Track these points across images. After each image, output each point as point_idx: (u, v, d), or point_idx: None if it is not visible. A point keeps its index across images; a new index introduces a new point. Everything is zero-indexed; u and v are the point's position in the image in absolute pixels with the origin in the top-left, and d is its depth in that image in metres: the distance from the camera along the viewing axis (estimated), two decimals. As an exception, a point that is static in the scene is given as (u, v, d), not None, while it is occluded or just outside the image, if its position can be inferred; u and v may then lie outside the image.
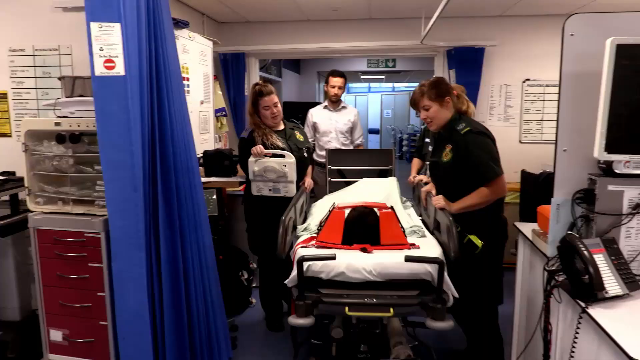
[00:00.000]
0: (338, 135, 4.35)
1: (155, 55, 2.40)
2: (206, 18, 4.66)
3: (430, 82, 2.62)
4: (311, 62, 10.13)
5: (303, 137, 3.35)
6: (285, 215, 2.47)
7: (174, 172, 2.46)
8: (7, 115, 3.25)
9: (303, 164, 3.25)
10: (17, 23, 3.15)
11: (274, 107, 3.13)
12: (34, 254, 2.66)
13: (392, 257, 2.17)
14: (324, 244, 2.33)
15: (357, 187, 3.33)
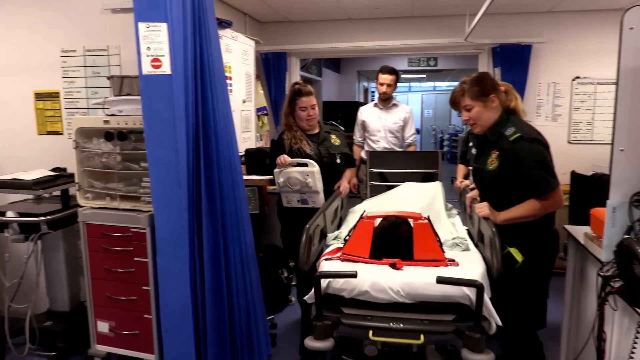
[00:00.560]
0: (387, 134, 4.17)
1: (200, 54, 2.43)
2: (248, 18, 4.71)
3: (473, 78, 2.32)
4: (351, 61, 10.09)
5: (339, 141, 3.13)
6: (310, 224, 2.28)
7: (217, 169, 2.49)
8: (59, 113, 3.38)
9: (335, 171, 3.05)
10: (68, 25, 3.27)
11: (311, 109, 2.98)
12: (83, 247, 2.75)
13: (424, 276, 1.91)
14: (349, 258, 2.10)
15: (398, 192, 3.11)
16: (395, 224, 2.19)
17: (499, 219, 2.24)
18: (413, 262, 2.03)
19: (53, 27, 3.29)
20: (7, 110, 3.45)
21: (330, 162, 3.02)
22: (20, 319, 3.00)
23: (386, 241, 2.14)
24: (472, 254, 2.22)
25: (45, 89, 3.37)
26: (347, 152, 3.17)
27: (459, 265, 2.02)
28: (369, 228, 2.18)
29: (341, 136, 3.19)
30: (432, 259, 2.04)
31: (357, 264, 2.04)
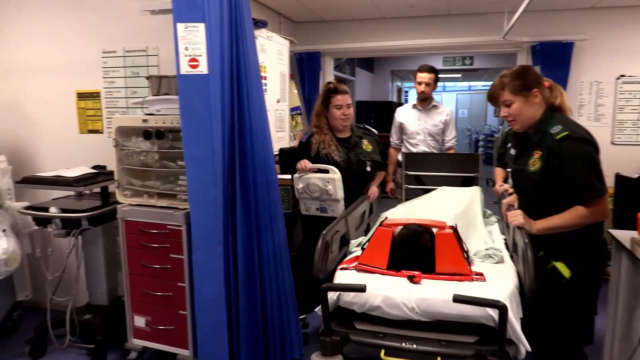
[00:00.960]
0: (426, 137, 3.99)
1: (236, 54, 2.46)
2: (283, 18, 4.73)
3: (514, 71, 2.13)
4: (385, 61, 10.02)
5: (372, 147, 3.01)
6: (328, 229, 2.16)
7: (252, 168, 2.51)
8: (99, 113, 3.47)
9: (364, 179, 2.96)
10: (109, 27, 3.35)
11: (347, 108, 2.90)
12: (122, 243, 2.82)
13: (442, 292, 1.75)
14: (365, 268, 1.98)
15: (433, 197, 2.95)
16: (416, 233, 2.02)
17: (534, 228, 2.05)
18: (434, 276, 1.87)
19: (94, 29, 3.38)
20: (51, 110, 3.58)
21: (360, 170, 2.91)
22: (61, 311, 3.09)
23: (406, 251, 1.99)
24: (506, 268, 2.06)
25: (87, 89, 3.47)
26: (379, 159, 3.04)
27: (485, 281, 1.86)
28: (386, 237, 2.02)
29: (373, 141, 3.04)
30: (455, 272, 1.88)
31: (373, 276, 1.92)
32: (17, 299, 3.43)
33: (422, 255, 1.95)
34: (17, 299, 3.43)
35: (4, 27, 3.58)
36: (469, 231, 2.42)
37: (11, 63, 3.60)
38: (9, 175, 3.27)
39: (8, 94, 3.62)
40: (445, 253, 1.92)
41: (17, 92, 3.62)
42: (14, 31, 3.57)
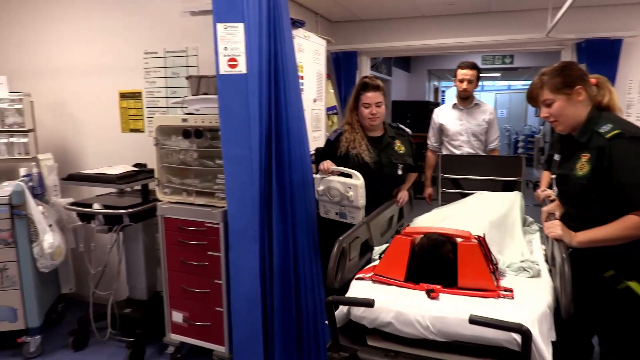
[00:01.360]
0: (470, 138, 3.75)
1: (274, 54, 2.47)
2: (320, 18, 4.73)
3: (555, 68, 1.93)
4: (421, 60, 9.90)
5: (405, 148, 2.81)
6: (346, 235, 2.04)
7: (288, 167, 2.51)
8: (141, 112, 3.56)
9: (395, 184, 2.79)
10: (151, 28, 3.43)
11: (375, 107, 2.68)
12: (161, 240, 2.88)
13: (461, 310, 1.56)
14: (381, 279, 1.83)
15: (469, 203, 2.78)
16: (437, 243, 1.83)
17: (576, 240, 1.84)
18: (455, 291, 1.71)
19: (137, 31, 3.47)
20: (95, 109, 3.69)
21: (391, 174, 2.73)
22: (102, 304, 3.19)
23: (426, 263, 1.81)
24: (541, 283, 1.86)
25: (129, 89, 3.56)
26: (411, 163, 2.84)
27: (513, 298, 1.68)
28: (404, 246, 1.86)
29: (407, 143, 2.85)
30: (479, 287, 1.71)
31: (388, 288, 1.78)
32: (61, 292, 3.55)
33: (443, 268, 1.77)
34: (61, 292, 3.55)
35: (52, 30, 3.72)
36: (505, 240, 2.25)
37: (59, 64, 3.74)
38: (55, 173, 3.39)
39: (55, 94, 3.75)
40: (469, 266, 1.75)
41: (64, 92, 3.75)
42: (61, 34, 3.70)
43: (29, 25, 3.79)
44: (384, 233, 2.57)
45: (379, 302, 1.63)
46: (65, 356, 3.12)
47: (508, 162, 3.24)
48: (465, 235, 1.84)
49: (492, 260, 1.88)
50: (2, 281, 3.00)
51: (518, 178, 3.10)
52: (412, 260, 1.83)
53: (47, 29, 3.74)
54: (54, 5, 3.71)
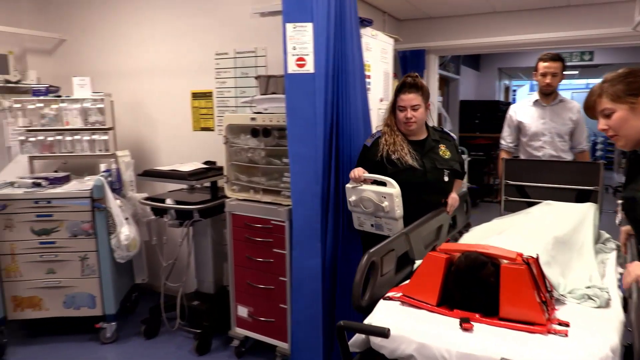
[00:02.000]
0: (554, 139, 3.36)
1: (340, 53, 2.47)
2: (387, 16, 4.67)
3: (618, 73, 1.70)
4: (491, 58, 9.55)
5: (450, 153, 2.55)
6: (377, 247, 1.81)
7: (349, 166, 2.49)
8: (211, 111, 3.68)
9: (440, 191, 2.51)
10: (221, 30, 3.54)
11: (411, 110, 2.39)
12: (229, 235, 2.96)
13: (495, 347, 1.34)
14: (411, 301, 1.62)
15: (533, 214, 2.46)
16: (476, 264, 1.57)
17: None
18: (495, 321, 1.47)
19: (208, 33, 3.59)
20: (169, 109, 3.85)
21: (436, 180, 2.45)
22: (172, 296, 3.33)
23: (463, 286, 1.57)
24: (609, 316, 1.55)
25: (201, 89, 3.69)
26: (458, 169, 2.58)
27: (567, 336, 1.38)
28: (438, 265, 1.64)
29: (452, 147, 2.60)
30: (525, 320, 1.44)
31: (418, 312, 1.57)
32: (135, 282, 3.74)
33: (483, 293, 1.53)
34: (135, 282, 3.74)
35: (130, 34, 3.93)
36: (571, 261, 1.96)
37: (136, 66, 3.94)
38: (131, 169, 3.57)
39: (133, 94, 3.96)
40: (513, 293, 1.48)
41: (140, 93, 3.95)
42: (139, 37, 3.90)
43: (109, 29, 4.03)
44: (429, 245, 2.31)
45: (400, 330, 1.45)
46: (137, 344, 3.28)
47: (583, 169, 2.87)
48: (511, 256, 1.56)
49: (546, 286, 1.60)
50: (83, 269, 3.20)
51: (595, 187, 2.72)
52: (447, 282, 1.61)
53: (126, 33, 3.95)
54: (132, 10, 3.91)
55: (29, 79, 4.08)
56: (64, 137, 3.47)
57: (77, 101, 3.45)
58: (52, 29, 4.26)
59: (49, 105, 3.45)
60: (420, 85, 2.44)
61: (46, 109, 3.45)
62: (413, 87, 2.41)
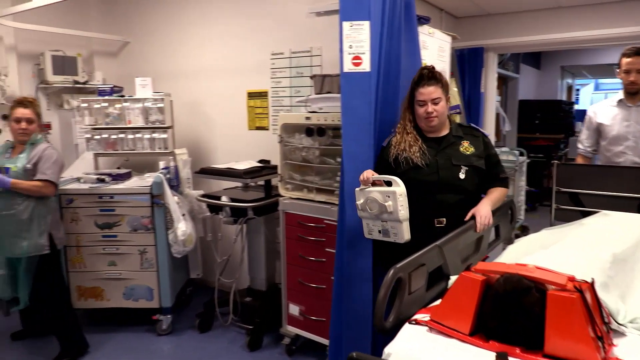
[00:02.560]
0: (639, 143, 2.99)
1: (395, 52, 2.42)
2: (444, 14, 4.57)
3: None
4: (553, 56, 9.13)
5: (475, 149, 2.26)
6: (405, 262, 1.61)
7: None
8: (266, 111, 3.72)
9: (455, 191, 2.22)
10: (277, 30, 3.57)
11: (432, 104, 2.18)
12: (282, 234, 2.98)
13: None
14: (440, 327, 1.42)
15: (588, 226, 2.18)
16: (518, 289, 1.34)
17: None
18: (539, 358, 1.25)
19: (265, 33, 3.63)
20: (225, 108, 3.94)
21: (449, 177, 2.20)
22: (225, 291, 3.40)
23: (502, 314, 1.34)
24: None
25: (256, 89, 3.74)
26: (480, 165, 2.26)
27: None
28: (472, 288, 1.41)
29: (479, 143, 2.30)
30: (575, 357, 1.22)
31: (448, 341, 1.37)
32: (190, 277, 3.84)
33: (525, 323, 1.31)
34: (190, 277, 3.84)
35: (189, 35, 4.05)
36: (632, 283, 1.71)
37: (194, 66, 4.05)
38: (188, 166, 3.67)
39: (191, 94, 4.07)
40: (562, 326, 1.25)
41: (198, 92, 4.06)
42: (197, 38, 4.01)
43: (170, 32, 4.16)
44: (467, 258, 2.07)
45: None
46: (191, 337, 3.36)
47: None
48: (560, 281, 1.31)
49: (602, 316, 1.35)
50: (142, 263, 3.32)
51: None
52: (483, 307, 1.39)
53: (186, 35, 4.07)
54: (192, 13, 4.02)
55: (95, 79, 4.29)
56: (126, 135, 3.62)
57: (139, 101, 3.58)
58: (117, 32, 4.46)
59: (113, 104, 3.61)
60: (439, 77, 2.24)
61: (110, 108, 3.61)
62: (432, 79, 2.20)
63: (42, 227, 2.85)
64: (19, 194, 2.77)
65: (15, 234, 2.78)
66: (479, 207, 2.15)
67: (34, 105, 2.89)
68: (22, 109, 2.81)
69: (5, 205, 2.77)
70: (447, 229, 2.11)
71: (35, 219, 2.82)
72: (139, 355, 3.12)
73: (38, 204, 2.83)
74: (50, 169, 2.82)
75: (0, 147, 2.96)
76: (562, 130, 7.80)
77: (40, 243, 2.84)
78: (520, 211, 5.39)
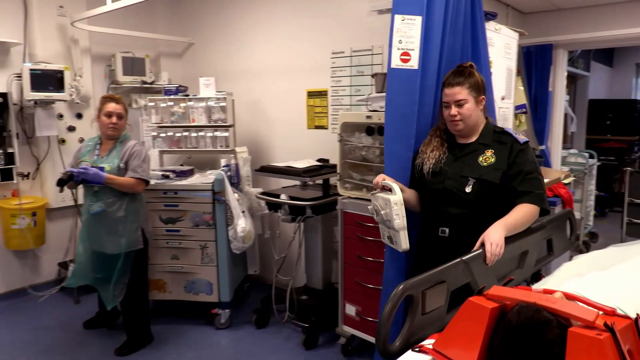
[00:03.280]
0: None
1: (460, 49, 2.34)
2: (510, 9, 4.39)
3: None
4: (628, 52, 8.58)
5: (494, 160, 1.97)
6: (419, 279, 1.47)
7: None
8: (325, 110, 3.72)
9: (465, 202, 1.97)
10: (338, 29, 3.56)
11: (456, 106, 1.98)
12: (339, 233, 2.96)
13: None
14: (442, 359, 1.27)
15: None
16: (534, 323, 1.14)
17: None
18: None
19: (325, 32, 3.63)
20: (285, 107, 3.97)
21: (455, 188, 1.99)
22: (282, 289, 3.42)
23: (515, 349, 1.15)
24: None
25: (316, 88, 3.75)
26: (493, 180, 1.94)
27: None
28: (481, 316, 1.23)
29: (504, 153, 1.97)
30: None
31: None
32: (247, 273, 3.91)
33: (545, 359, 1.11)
34: (247, 273, 3.91)
35: (250, 36, 4.12)
36: None
37: (255, 66, 4.12)
38: (248, 164, 3.74)
39: (251, 93, 4.15)
40: None
41: (258, 91, 4.13)
42: (258, 39, 4.08)
43: (233, 33, 4.26)
44: (507, 275, 1.86)
45: None
46: (249, 332, 3.42)
47: None
48: (588, 317, 1.08)
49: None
50: (203, 257, 3.41)
51: None
52: (495, 339, 1.21)
53: (248, 36, 4.15)
54: (254, 15, 4.09)
55: (161, 80, 4.47)
56: (190, 133, 3.74)
57: (203, 100, 3.68)
58: (182, 34, 4.62)
59: (178, 103, 3.73)
60: (469, 75, 2.00)
61: (175, 107, 3.73)
62: (458, 79, 1.99)
63: (136, 223, 2.99)
64: (112, 192, 2.89)
65: (113, 231, 2.91)
66: (490, 233, 1.77)
67: (123, 102, 2.99)
68: (114, 104, 2.92)
69: (101, 204, 2.89)
70: (450, 240, 2.00)
71: (130, 215, 2.95)
72: (198, 348, 3.20)
73: (130, 200, 2.96)
74: (141, 167, 2.94)
75: (88, 144, 3.07)
76: (637, 131, 7.33)
77: (136, 238, 2.99)
78: (588, 216, 5.12)
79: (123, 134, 3.01)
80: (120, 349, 3.10)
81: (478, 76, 2.02)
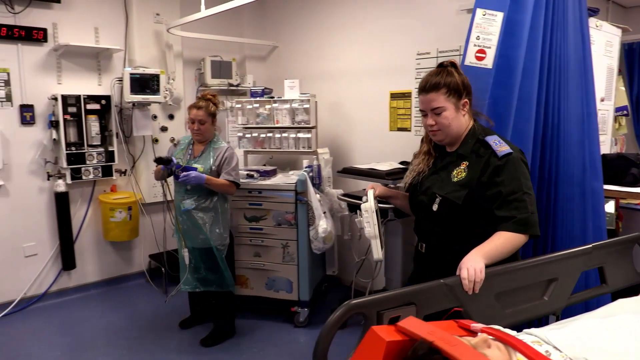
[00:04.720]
0: None
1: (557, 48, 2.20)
2: (611, 4, 4.11)
3: None
4: None
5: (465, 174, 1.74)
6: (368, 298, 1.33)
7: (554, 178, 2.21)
8: (409, 112, 3.67)
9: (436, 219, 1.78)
10: (424, 29, 3.49)
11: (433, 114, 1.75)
12: (422, 238, 2.90)
13: None
14: None
15: None
16: None
17: None
18: None
19: (410, 33, 3.58)
20: (367, 109, 3.96)
21: (424, 205, 1.81)
22: (360, 291, 3.42)
23: None
24: None
25: (399, 90, 3.70)
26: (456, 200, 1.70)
27: None
28: (376, 348, 1.11)
29: (477, 168, 1.70)
30: None
31: None
32: (326, 273, 3.94)
33: None
34: (326, 273, 3.94)
35: (333, 38, 4.15)
36: None
37: (338, 68, 4.14)
38: (330, 165, 3.76)
39: (334, 95, 4.17)
40: None
41: (341, 93, 4.14)
42: (341, 41, 4.10)
43: (316, 36, 4.31)
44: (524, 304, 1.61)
45: None
46: (327, 331, 3.43)
47: None
48: None
49: None
50: (284, 256, 3.48)
51: None
52: None
53: (331, 38, 4.18)
54: (335, 17, 4.12)
55: (247, 82, 4.61)
56: (274, 134, 3.83)
57: (287, 102, 3.76)
58: (267, 38, 4.75)
59: (264, 105, 3.84)
60: (447, 76, 1.72)
61: (261, 109, 3.84)
62: (434, 81, 1.72)
63: (226, 220, 3.18)
64: (205, 192, 3.08)
65: (207, 227, 3.08)
66: (467, 259, 1.53)
67: (207, 106, 3.09)
68: (195, 111, 3.07)
69: (192, 201, 3.08)
70: (426, 256, 1.87)
71: (220, 213, 3.13)
72: (277, 344, 3.27)
73: (220, 198, 3.14)
74: (234, 171, 3.10)
75: (182, 143, 3.26)
76: None
77: (225, 234, 3.18)
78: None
79: (215, 136, 3.17)
80: (205, 340, 3.24)
81: (458, 77, 1.74)
